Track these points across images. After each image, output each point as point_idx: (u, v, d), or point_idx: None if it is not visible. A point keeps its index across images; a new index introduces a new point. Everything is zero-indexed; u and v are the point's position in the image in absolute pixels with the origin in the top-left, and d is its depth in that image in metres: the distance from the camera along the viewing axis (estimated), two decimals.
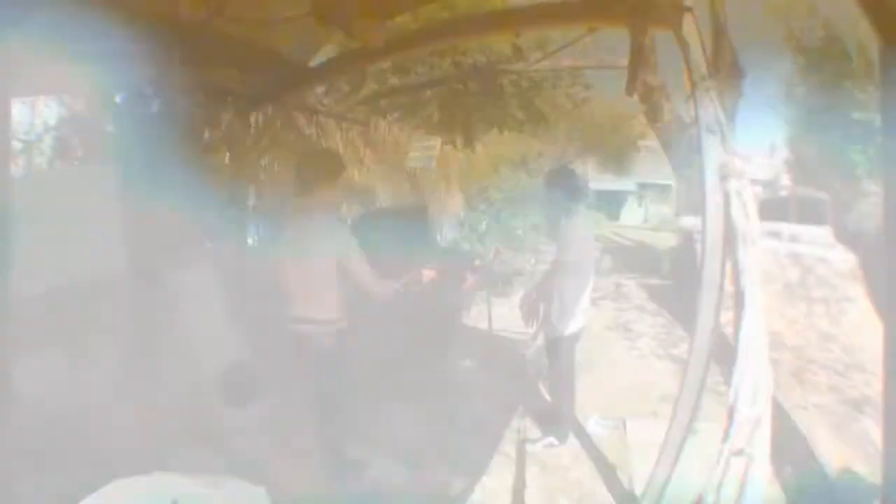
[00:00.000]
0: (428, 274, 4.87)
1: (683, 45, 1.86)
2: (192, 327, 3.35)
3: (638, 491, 2.90)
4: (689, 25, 1.95)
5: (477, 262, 5.62)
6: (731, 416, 1.52)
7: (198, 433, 3.08)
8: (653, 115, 9.67)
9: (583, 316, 3.29)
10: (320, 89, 5.40)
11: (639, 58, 3.38)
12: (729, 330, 1.78)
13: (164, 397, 3.07)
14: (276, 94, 3.43)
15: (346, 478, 2.81)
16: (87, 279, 2.98)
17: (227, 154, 3.68)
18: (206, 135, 3.78)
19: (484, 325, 5.32)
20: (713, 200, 1.84)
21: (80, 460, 2.63)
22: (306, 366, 2.57)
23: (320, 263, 2.37)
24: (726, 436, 1.49)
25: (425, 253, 5.21)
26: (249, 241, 3.88)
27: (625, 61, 4.80)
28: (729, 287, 1.77)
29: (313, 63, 3.23)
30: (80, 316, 2.94)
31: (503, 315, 6.44)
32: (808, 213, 9.13)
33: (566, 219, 3.24)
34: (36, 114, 3.31)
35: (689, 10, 2.04)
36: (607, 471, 3.18)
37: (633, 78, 5.18)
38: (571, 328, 3.21)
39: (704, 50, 1.87)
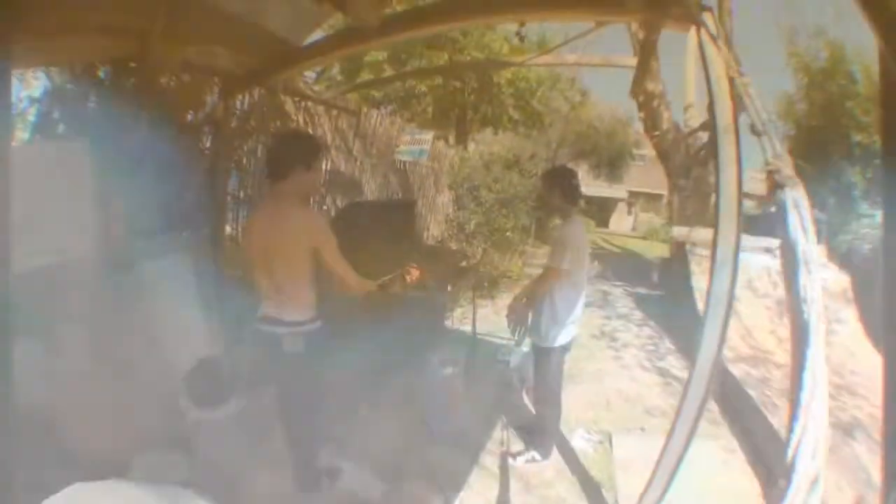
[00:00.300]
0: (413, 273, 4.73)
1: (706, 43, 1.71)
2: (163, 319, 3.15)
3: None
4: (710, 23, 1.82)
5: (463, 264, 5.48)
6: (789, 475, 1.31)
7: (167, 433, 2.90)
8: (651, 122, 9.62)
9: (574, 327, 3.15)
10: (311, 75, 5.22)
11: (648, 57, 3.25)
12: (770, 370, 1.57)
13: (134, 393, 2.88)
14: (264, 76, 3.23)
15: (318, 487, 2.65)
16: (58, 263, 2.77)
17: (210, 137, 3.47)
18: (189, 116, 3.58)
19: (467, 328, 5.19)
20: (728, 210, 1.67)
21: (48, 457, 2.47)
22: (275, 369, 2.39)
23: (293, 255, 2.17)
24: (783, 496, 1.28)
25: (411, 250, 5.08)
26: (228, 229, 3.67)
27: (626, 61, 4.72)
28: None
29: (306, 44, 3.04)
30: (50, 303, 2.73)
31: (487, 317, 6.34)
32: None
33: (561, 224, 3.10)
34: (24, 86, 3.08)
35: (709, 8, 1.92)
36: (592, 488, 3.05)
37: (640, 78, 5.08)
38: (562, 340, 3.06)
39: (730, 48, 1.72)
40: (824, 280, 5.63)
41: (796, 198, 1.44)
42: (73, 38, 2.43)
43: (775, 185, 1.53)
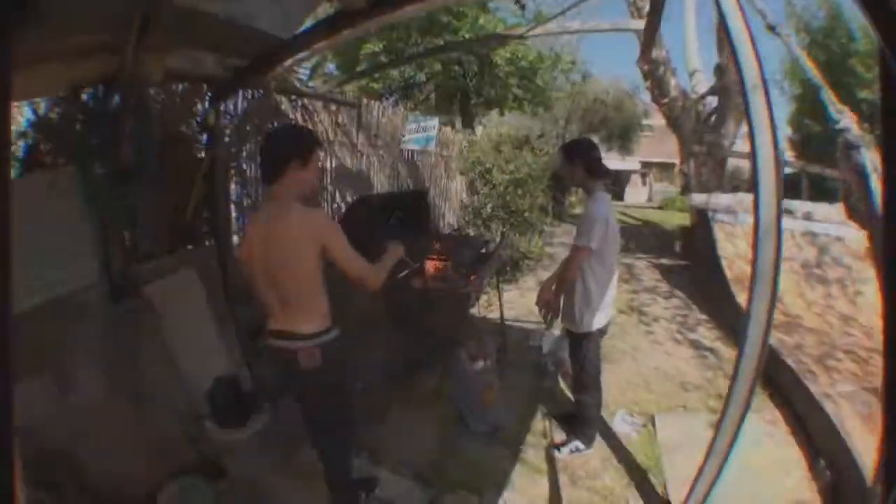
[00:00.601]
0: (432, 265, 4.55)
1: None
2: (176, 340, 3.03)
3: (674, 498, 2.61)
4: None
5: (483, 250, 5.28)
6: None
7: (192, 458, 2.79)
8: (659, 90, 9.52)
9: (610, 309, 2.94)
10: (305, 72, 5.05)
11: (658, 17, 2.99)
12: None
13: (155, 420, 2.78)
14: (253, 76, 3.06)
15: (355, 502, 2.51)
16: (60, 296, 2.67)
17: (205, 146, 3.32)
18: (182, 128, 3.43)
19: (495, 316, 5.01)
20: (767, 175, 1.47)
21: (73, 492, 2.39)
22: (294, 385, 2.23)
23: (299, 261, 1.96)
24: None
25: (427, 241, 4.89)
26: (235, 239, 3.52)
27: (633, 24, 4.43)
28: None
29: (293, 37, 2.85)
30: (57, 338, 2.63)
31: (513, 301, 6.16)
32: (818, 190, 8.79)
33: (587, 200, 2.86)
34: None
35: None
36: (639, 475, 2.88)
37: (649, 42, 4.79)
38: (597, 324, 2.85)
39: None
40: (845, 239, 5.37)
41: (874, 160, 1.18)
42: (50, 66, 2.29)
43: (846, 146, 1.28)
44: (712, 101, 9.67)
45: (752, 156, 1.48)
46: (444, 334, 3.86)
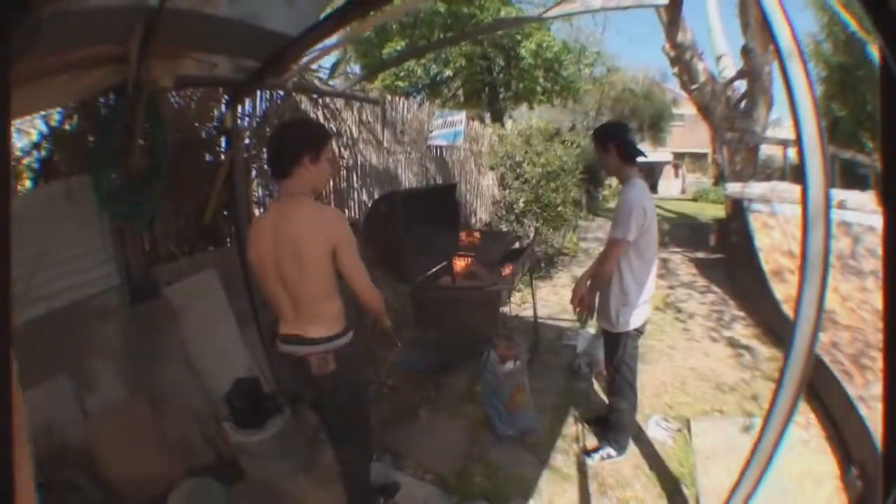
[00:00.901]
0: (461, 262, 4.44)
1: None
2: (197, 341, 3.03)
3: None
4: None
5: (516, 245, 5.13)
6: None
7: (209, 458, 2.79)
8: (688, 76, 9.34)
9: (647, 307, 2.74)
10: (325, 71, 5.02)
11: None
12: None
13: (174, 420, 2.79)
14: (269, 76, 2.99)
15: None
16: (81, 300, 2.71)
17: (224, 149, 3.31)
18: (203, 133, 3.44)
19: (528, 314, 4.86)
20: (813, 155, 1.31)
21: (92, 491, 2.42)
22: (308, 390, 2.16)
23: (310, 261, 1.86)
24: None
25: (457, 238, 4.78)
26: None
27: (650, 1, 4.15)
28: None
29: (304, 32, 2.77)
30: (78, 339, 2.67)
31: (547, 299, 5.99)
32: (849, 177, 8.24)
33: (622, 188, 2.65)
34: (22, 135, 3.08)
35: None
36: (671, 485, 2.69)
37: (673, 22, 4.51)
38: (634, 323, 2.66)
39: None
40: (877, 228, 4.92)
41: None
42: (59, 79, 2.28)
43: None
44: (741, 85, 9.43)
45: (796, 125, 1.34)
46: (474, 334, 3.74)
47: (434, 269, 4.02)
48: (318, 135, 2.00)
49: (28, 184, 2.91)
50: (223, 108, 3.29)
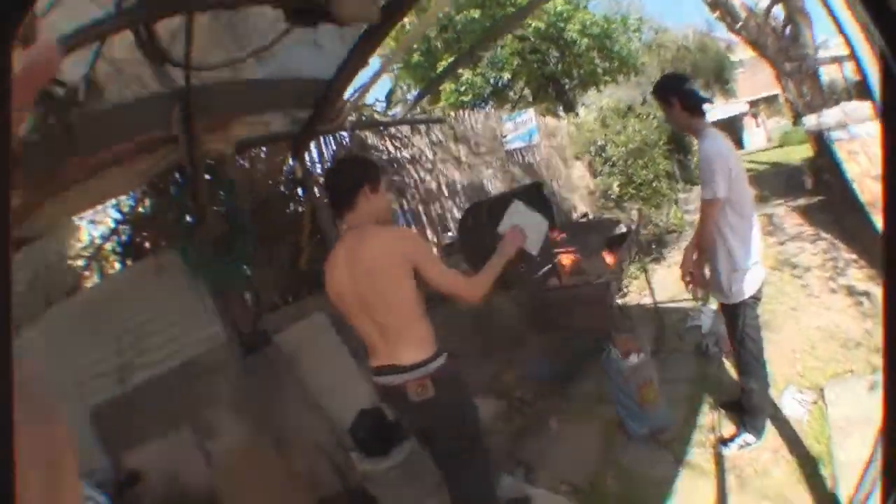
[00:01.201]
0: (565, 259, 4.20)
1: None
2: (315, 379, 3.15)
3: (843, 488, 2.04)
4: None
5: (619, 230, 4.79)
6: None
7: (338, 487, 2.83)
8: (731, 17, 9.20)
9: (759, 268, 2.42)
10: (382, 103, 5.14)
11: None
12: None
13: (300, 455, 2.89)
14: (322, 122, 3.08)
15: None
16: (194, 358, 2.94)
17: (294, 202, 3.46)
18: (281, 187, 3.64)
19: (647, 301, 4.48)
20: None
21: None
22: (411, 420, 2.08)
23: (391, 285, 1.83)
24: None
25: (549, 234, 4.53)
26: None
27: None
28: None
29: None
30: (198, 393, 2.89)
31: (663, 280, 5.50)
32: None
33: (699, 145, 2.38)
34: (94, 225, 3.50)
35: None
36: (811, 468, 2.31)
37: None
38: (749, 290, 2.37)
39: None
40: None
41: None
42: (116, 170, 2.46)
43: None
44: (779, 12, 9.30)
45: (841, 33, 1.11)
46: (590, 331, 3.50)
47: (541, 272, 3.83)
48: (373, 167, 2.03)
49: (117, 265, 3.25)
50: (290, 161, 3.45)
